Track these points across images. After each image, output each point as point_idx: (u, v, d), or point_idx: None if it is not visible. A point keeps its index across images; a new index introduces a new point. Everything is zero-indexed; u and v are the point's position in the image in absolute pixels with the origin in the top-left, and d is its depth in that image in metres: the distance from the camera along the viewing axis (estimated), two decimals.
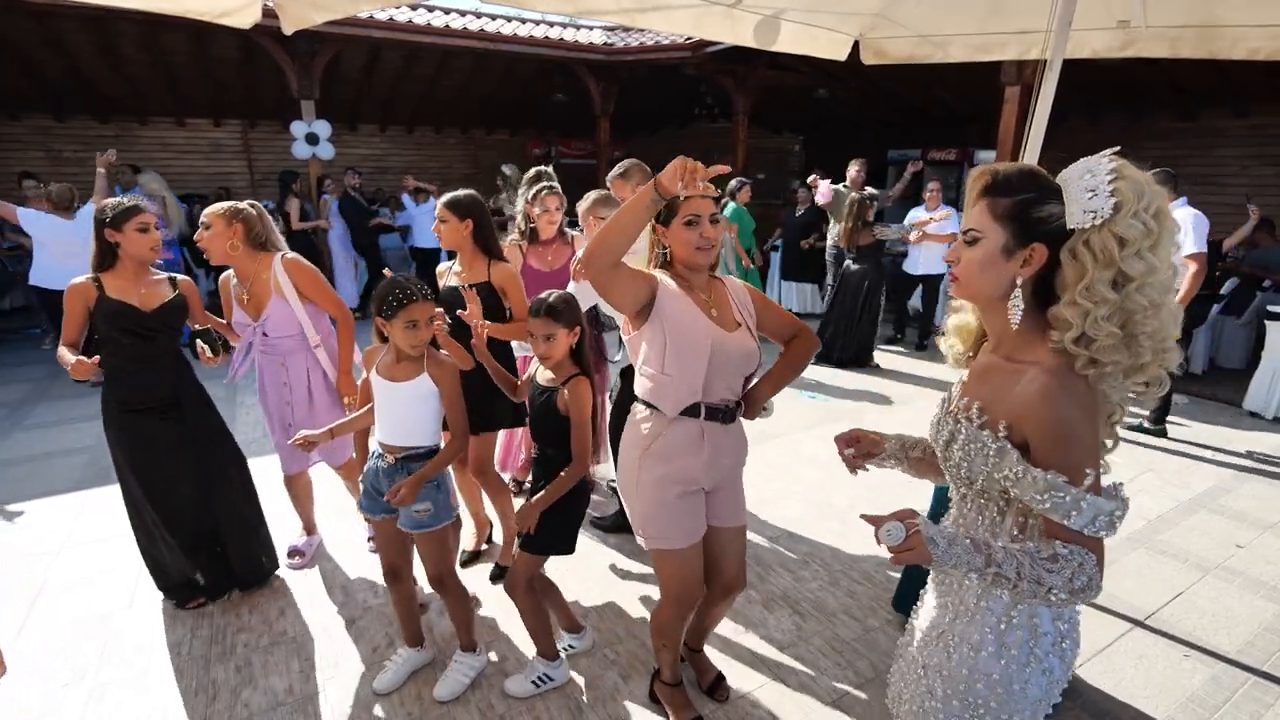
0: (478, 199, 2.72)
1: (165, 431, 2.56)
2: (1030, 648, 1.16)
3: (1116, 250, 1.01)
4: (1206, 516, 3.61)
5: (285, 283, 2.67)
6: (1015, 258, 1.10)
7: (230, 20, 2.51)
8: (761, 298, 1.98)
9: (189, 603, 2.71)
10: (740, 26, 2.95)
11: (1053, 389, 1.06)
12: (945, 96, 9.70)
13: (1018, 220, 1.09)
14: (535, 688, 2.30)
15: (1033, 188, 1.09)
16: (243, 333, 2.73)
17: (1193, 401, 5.53)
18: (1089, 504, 1.04)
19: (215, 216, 2.59)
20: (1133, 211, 1.00)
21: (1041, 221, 1.07)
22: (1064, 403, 1.05)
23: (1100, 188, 1.02)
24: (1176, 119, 8.90)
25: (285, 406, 2.82)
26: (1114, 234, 1.01)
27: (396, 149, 12.25)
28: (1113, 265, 1.02)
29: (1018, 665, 1.16)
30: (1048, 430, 1.06)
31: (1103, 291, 1.02)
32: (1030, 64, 5.51)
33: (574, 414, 2.04)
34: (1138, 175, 1.03)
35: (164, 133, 10.46)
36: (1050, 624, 1.17)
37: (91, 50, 8.07)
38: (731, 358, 1.81)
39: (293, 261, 2.70)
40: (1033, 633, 1.16)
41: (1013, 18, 2.82)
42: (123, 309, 2.45)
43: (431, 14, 8.32)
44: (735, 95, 9.44)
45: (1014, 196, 1.09)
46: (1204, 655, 2.55)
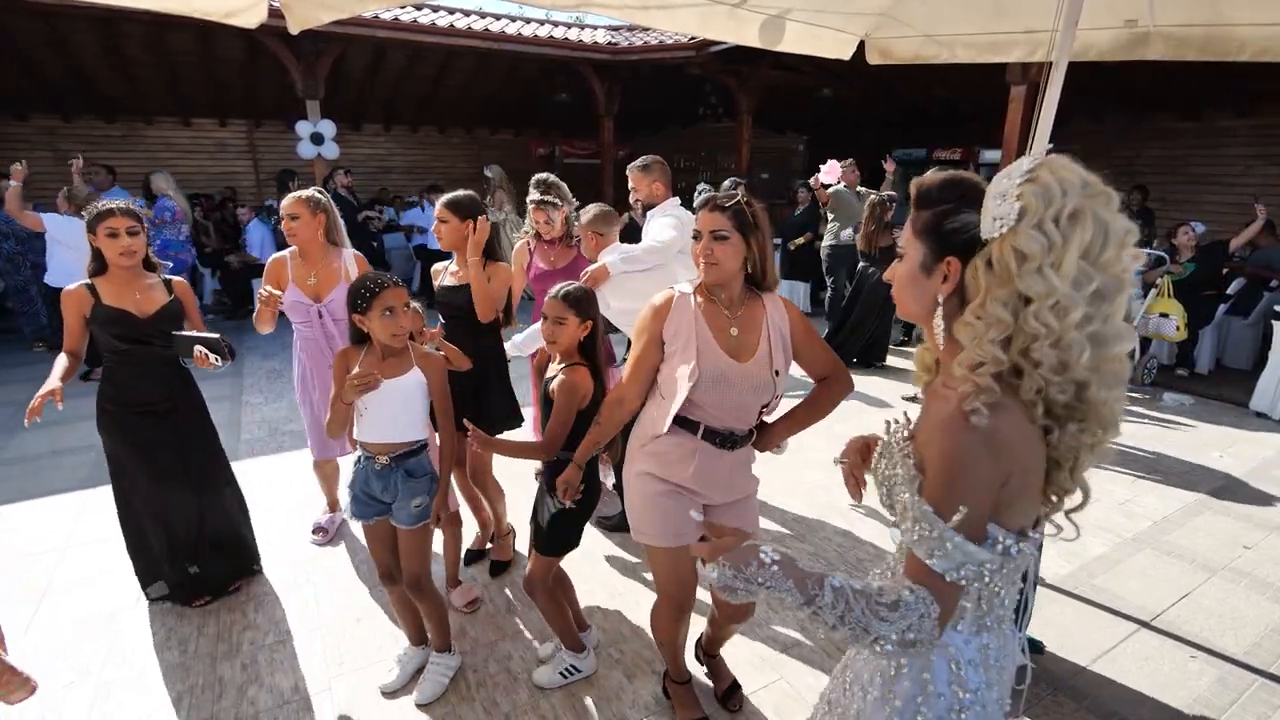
0: (478, 199, 2.74)
1: (161, 432, 2.58)
2: (918, 704, 1.04)
3: (1014, 265, 0.89)
4: (1213, 517, 3.60)
5: (355, 273, 2.90)
6: (935, 274, 1.01)
7: (236, 20, 2.51)
8: (805, 329, 1.85)
9: (195, 600, 2.72)
10: (745, 26, 2.95)
11: (955, 418, 0.94)
12: (949, 96, 9.68)
13: (933, 234, 1.01)
14: (563, 679, 2.34)
15: (951, 197, 1.00)
16: (297, 311, 2.90)
17: (1199, 402, 5.51)
18: (956, 546, 0.92)
19: (300, 205, 2.80)
20: (1036, 220, 0.87)
21: (955, 233, 0.98)
22: (961, 434, 0.93)
23: (1009, 191, 0.90)
24: (1180, 119, 8.87)
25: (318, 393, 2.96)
26: (1013, 246, 0.89)
27: (400, 149, 12.27)
28: (1009, 282, 0.90)
29: (901, 717, 1.05)
30: (936, 460, 0.96)
31: (996, 312, 0.91)
32: (1036, 63, 5.49)
33: (558, 398, 2.07)
34: (1060, 175, 0.89)
35: (169, 133, 10.50)
36: (945, 686, 1.03)
37: (97, 51, 8.10)
38: (734, 387, 1.75)
39: (360, 258, 3.00)
40: (922, 689, 1.04)
41: (1019, 18, 2.81)
42: (119, 316, 2.45)
43: (436, 14, 8.34)
44: (739, 95, 9.44)
45: (932, 208, 1.01)
46: (1211, 656, 2.54)
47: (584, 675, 2.37)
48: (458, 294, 2.68)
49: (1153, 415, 5.18)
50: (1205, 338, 6.21)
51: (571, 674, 2.35)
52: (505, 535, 3.06)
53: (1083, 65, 2.80)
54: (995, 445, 0.92)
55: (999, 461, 0.93)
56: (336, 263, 2.94)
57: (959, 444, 0.93)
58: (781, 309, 1.84)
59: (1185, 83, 7.78)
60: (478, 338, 2.69)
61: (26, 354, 6.49)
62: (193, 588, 2.72)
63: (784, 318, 1.83)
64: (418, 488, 2.14)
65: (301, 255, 2.91)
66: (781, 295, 1.88)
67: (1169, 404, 5.46)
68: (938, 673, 1.04)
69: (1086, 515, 1.10)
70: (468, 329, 2.68)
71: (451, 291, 2.72)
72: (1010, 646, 1.10)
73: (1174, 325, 5.63)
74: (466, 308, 2.65)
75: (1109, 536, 3.38)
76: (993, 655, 1.06)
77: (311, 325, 2.91)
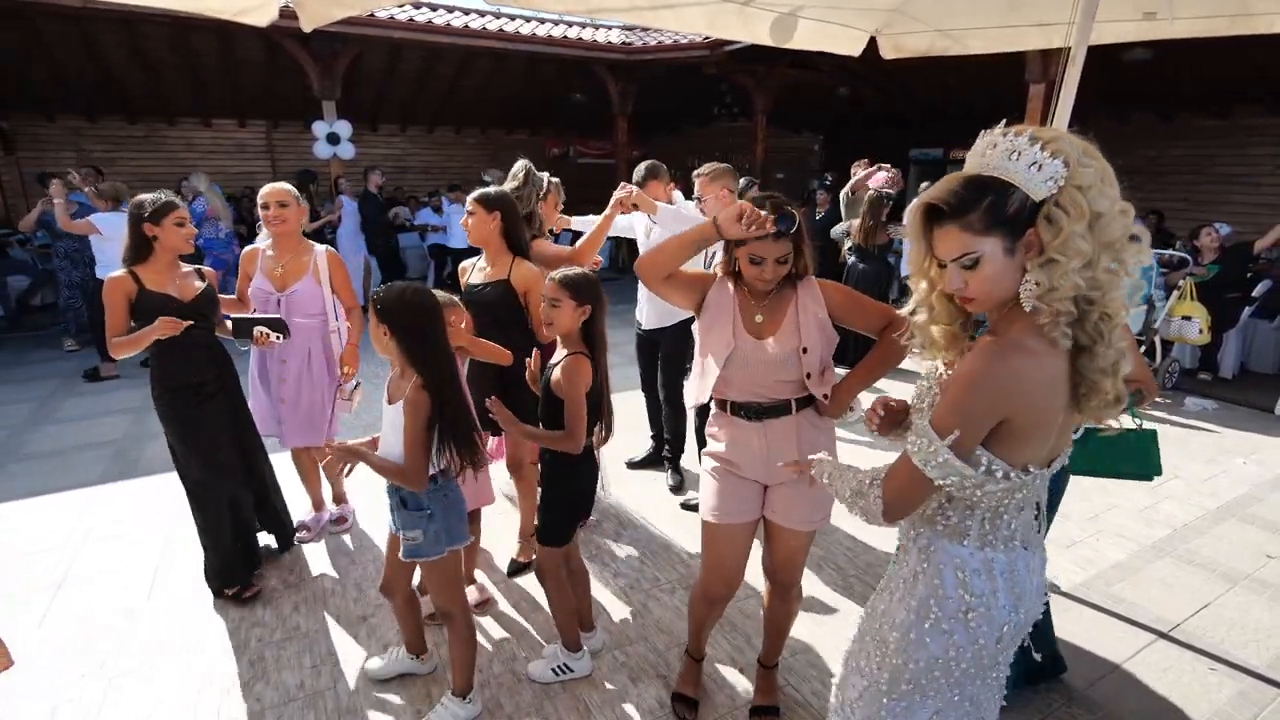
0: (509, 196, 2.73)
1: (213, 411, 2.68)
2: (930, 605, 1.26)
3: (1083, 198, 1.07)
4: (1236, 525, 3.51)
5: (324, 269, 2.96)
6: (1018, 251, 1.13)
7: (248, 18, 2.53)
8: (844, 297, 1.90)
9: (246, 591, 2.76)
10: (755, 24, 2.92)
11: (982, 348, 1.14)
12: (967, 95, 9.55)
13: (1001, 222, 1.12)
14: (555, 675, 2.33)
15: (987, 190, 1.12)
16: (257, 297, 2.92)
17: (1223, 406, 5.38)
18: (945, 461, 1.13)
19: (289, 194, 2.87)
20: (1078, 160, 1.07)
21: (1019, 210, 1.11)
22: (982, 364, 1.12)
23: (1039, 157, 1.07)
24: (1208, 117, 8.69)
25: (280, 384, 3.00)
26: (1075, 186, 1.07)
27: (416, 149, 12.37)
28: (1083, 215, 1.07)
29: (917, 616, 1.27)
30: (952, 382, 1.16)
31: (1078, 244, 1.07)
32: (1055, 62, 5.41)
33: (565, 389, 2.06)
34: (1054, 132, 1.10)
35: (190, 133, 10.66)
36: (953, 590, 1.24)
37: (122, 53, 8.25)
38: (749, 362, 1.84)
39: (334, 255, 3.02)
40: (933, 592, 1.26)
41: (1032, 11, 2.76)
42: (164, 300, 2.53)
43: (451, 14, 8.38)
44: (754, 94, 9.40)
45: (980, 206, 1.12)
46: (1231, 669, 2.47)
47: (576, 676, 2.34)
48: (486, 291, 2.67)
49: (1175, 420, 5.07)
50: (1230, 341, 6.06)
51: (563, 672, 2.33)
52: (528, 536, 3.00)
53: (1105, 66, 2.75)
54: (1009, 384, 1.11)
55: (1006, 399, 1.11)
56: (307, 257, 2.96)
57: (976, 371, 1.12)
58: (815, 291, 1.88)
59: (1213, 79, 7.61)
60: (507, 334, 2.63)
61: (54, 352, 6.59)
62: (246, 566, 2.84)
63: (818, 299, 1.86)
64: (409, 520, 2.01)
65: (276, 245, 2.93)
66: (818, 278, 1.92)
67: (1191, 409, 5.33)
68: (946, 579, 1.25)
69: (1104, 521, 1.15)
70: (496, 325, 2.65)
71: (480, 289, 2.70)
72: (1021, 562, 1.26)
73: (1197, 328, 5.51)
74: (496, 304, 2.65)
75: (1127, 544, 3.30)
76: (998, 568, 1.24)
77: (268, 313, 2.86)
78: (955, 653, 1.25)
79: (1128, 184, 1.13)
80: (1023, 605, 1.26)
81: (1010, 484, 1.16)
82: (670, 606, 2.77)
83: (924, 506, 1.29)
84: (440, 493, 2.03)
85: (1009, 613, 1.25)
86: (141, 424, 4.74)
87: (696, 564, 3.04)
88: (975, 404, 1.12)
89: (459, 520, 2.08)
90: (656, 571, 3.01)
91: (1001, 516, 1.23)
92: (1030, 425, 1.15)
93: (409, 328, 1.90)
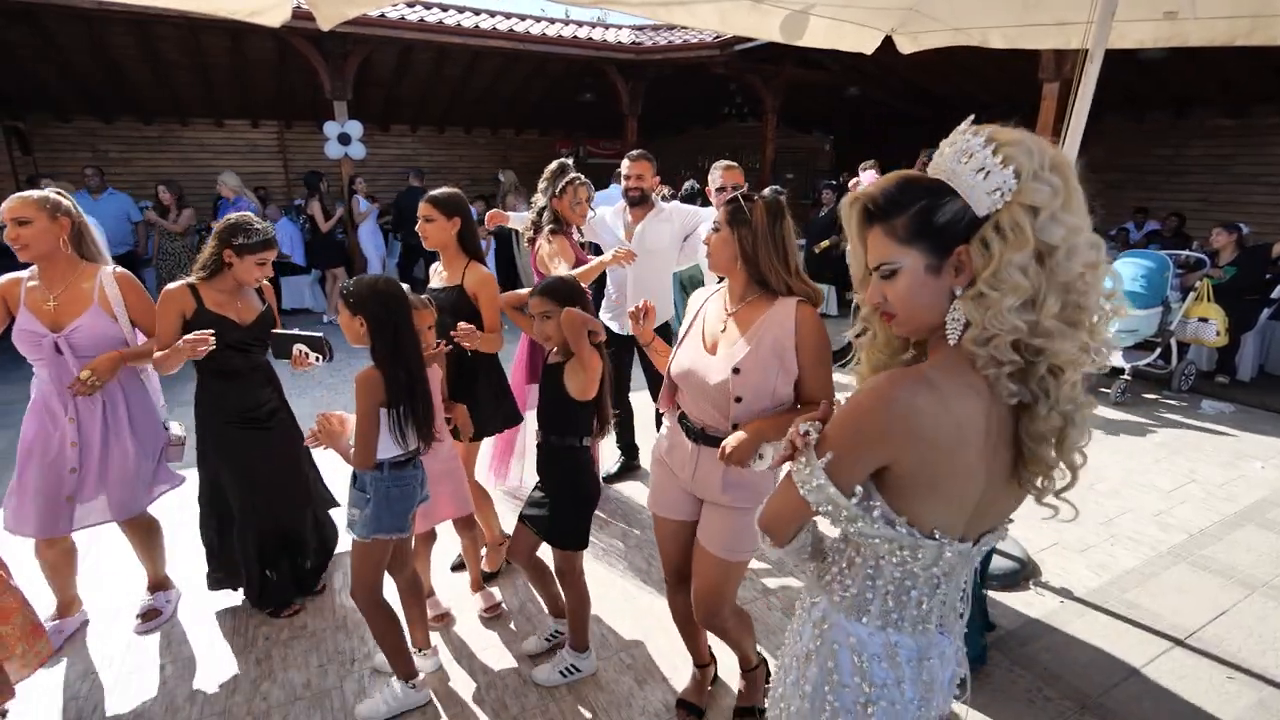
0: (463, 197, 2.66)
1: (262, 441, 2.53)
2: (824, 693, 1.09)
3: (1029, 223, 0.89)
4: (1254, 531, 3.45)
5: (115, 298, 2.37)
6: (944, 271, 0.97)
7: (261, 19, 2.53)
8: (811, 348, 1.67)
9: (283, 611, 2.67)
10: (767, 21, 2.90)
11: (884, 376, 1.00)
12: (980, 94, 9.47)
13: (925, 234, 0.96)
14: (563, 677, 2.33)
15: (921, 194, 0.96)
16: (26, 342, 2.28)
17: (1240, 410, 5.30)
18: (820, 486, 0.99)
19: (31, 207, 2.20)
20: (1032, 173, 0.89)
21: (952, 223, 0.95)
22: (872, 394, 0.98)
23: (988, 163, 0.90)
24: (1224, 116, 8.56)
25: (72, 447, 2.34)
26: (1022, 205, 0.89)
27: (427, 149, 12.40)
28: (1026, 244, 0.89)
29: (812, 706, 1.10)
30: (847, 401, 1.03)
31: (1013, 278, 0.89)
32: (1070, 59, 5.34)
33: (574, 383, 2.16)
34: (1016, 135, 0.92)
35: (203, 134, 10.73)
36: (849, 677, 1.07)
37: (136, 54, 8.32)
38: (696, 378, 1.77)
39: (125, 277, 2.43)
40: (826, 677, 1.09)
41: (1050, 10, 2.72)
42: (220, 322, 2.37)
43: (461, 14, 8.39)
44: (763, 93, 9.36)
45: (907, 212, 0.96)
46: (1249, 678, 2.42)
47: (584, 675, 2.35)
48: (444, 296, 2.60)
49: (1190, 423, 4.99)
50: (1247, 343, 5.96)
51: (572, 673, 2.34)
52: (497, 545, 2.97)
53: (1120, 64, 2.71)
54: (898, 422, 0.94)
55: (892, 437, 0.95)
56: (88, 283, 2.34)
57: (866, 398, 0.98)
58: (789, 317, 1.68)
59: (1231, 78, 7.50)
60: None
61: None
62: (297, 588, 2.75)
63: (787, 327, 1.67)
64: (353, 497, 2.06)
65: (41, 272, 2.30)
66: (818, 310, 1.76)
67: (1208, 412, 5.25)
68: (841, 663, 1.08)
69: (1118, 526, 1.07)
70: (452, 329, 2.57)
71: (437, 293, 2.62)
72: (934, 650, 1.09)
73: (1214, 330, 5.43)
74: (450, 309, 2.56)
75: (1142, 549, 3.25)
76: (904, 654, 1.06)
77: (45, 361, 2.29)
78: None
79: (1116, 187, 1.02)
80: (933, 699, 1.09)
81: (895, 536, 0.99)
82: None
83: (823, 572, 1.13)
84: (385, 483, 2.03)
85: (916, 707, 1.07)
86: None
87: None
88: (857, 432, 0.98)
89: (394, 515, 2.06)
90: (661, 573, 2.98)
91: (909, 592, 1.05)
92: (928, 477, 0.96)
93: (382, 317, 1.93)
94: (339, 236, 7.85)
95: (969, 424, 0.95)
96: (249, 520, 2.56)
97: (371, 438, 1.96)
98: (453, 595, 2.79)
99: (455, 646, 2.53)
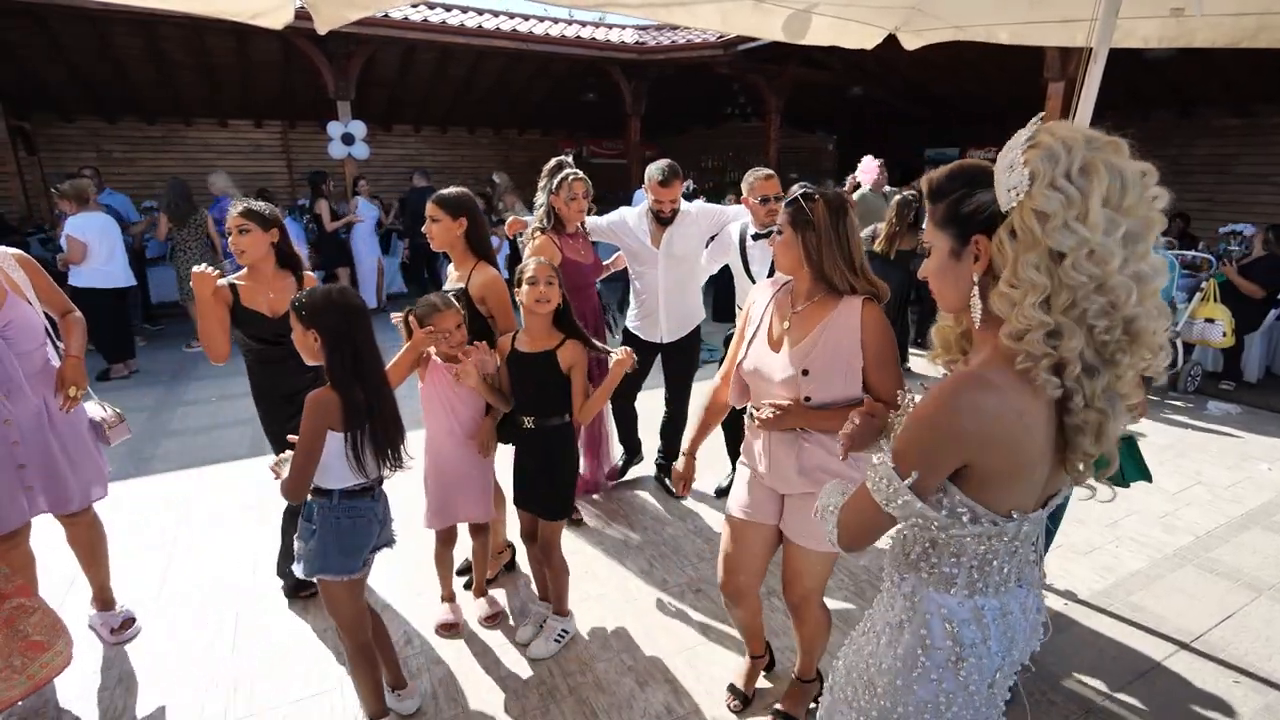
0: (471, 196, 2.62)
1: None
2: (917, 654, 1.16)
3: (1038, 227, 0.91)
4: (1260, 534, 3.42)
5: (23, 281, 2.22)
6: (965, 257, 1.05)
7: (264, 21, 2.52)
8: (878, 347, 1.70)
9: (300, 591, 2.75)
10: (769, 21, 2.88)
11: (942, 383, 1.04)
12: (984, 93, 9.44)
13: (953, 220, 1.05)
14: (558, 644, 2.48)
15: (961, 184, 1.05)
16: None
17: (1246, 411, 5.26)
18: (906, 502, 1.03)
19: None
20: (1048, 181, 0.90)
21: (974, 214, 1.02)
22: (940, 403, 1.02)
23: (1015, 160, 0.94)
24: (1230, 115, 8.52)
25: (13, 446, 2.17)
26: (1032, 210, 0.92)
27: (430, 149, 12.41)
28: (1037, 244, 0.92)
29: (904, 665, 1.17)
30: (910, 419, 1.07)
31: (1029, 276, 0.93)
32: (1075, 59, 5.31)
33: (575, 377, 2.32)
34: (1058, 137, 0.92)
35: (207, 134, 10.77)
36: (942, 640, 1.14)
37: (141, 55, 8.35)
38: (763, 376, 1.83)
39: (23, 256, 2.28)
40: (920, 643, 1.16)
41: (1054, 7, 2.70)
42: (250, 317, 2.44)
43: (465, 15, 8.40)
44: (767, 93, 9.34)
45: (946, 199, 1.06)
46: (1256, 682, 2.40)
47: (571, 635, 2.54)
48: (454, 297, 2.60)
49: (1197, 425, 4.96)
50: (1254, 344, 5.92)
51: (563, 638, 2.51)
52: (498, 550, 2.94)
53: (1126, 63, 2.69)
54: (966, 423, 0.99)
55: (965, 439, 1.00)
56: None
57: (931, 408, 1.02)
58: (854, 315, 1.71)
59: (1236, 77, 7.46)
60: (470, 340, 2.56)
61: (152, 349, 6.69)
62: None
63: (853, 326, 1.71)
64: (301, 529, 1.92)
65: None
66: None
67: (1214, 413, 5.22)
68: (934, 630, 1.15)
69: (1123, 528, 1.08)
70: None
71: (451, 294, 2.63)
72: (1014, 603, 1.17)
73: (1220, 331, 5.39)
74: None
75: (1148, 551, 3.23)
76: (989, 615, 1.14)
77: None
78: (945, 699, 1.17)
79: None
80: (1016, 646, 1.19)
81: (982, 530, 1.06)
82: (678, 610, 2.74)
83: (908, 550, 1.20)
84: (335, 513, 1.87)
85: (1001, 658, 1.17)
86: (156, 422, 4.79)
87: (706, 568, 3.01)
88: (931, 443, 1.03)
89: (343, 552, 1.88)
90: (665, 574, 2.98)
91: (991, 563, 1.12)
92: (1004, 469, 1.02)
93: (340, 331, 1.78)
94: (343, 236, 7.85)
95: (1029, 411, 0.99)
96: None
97: (308, 467, 1.77)
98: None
99: (456, 647, 2.52)
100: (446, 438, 2.43)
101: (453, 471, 2.44)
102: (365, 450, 1.83)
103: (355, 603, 1.97)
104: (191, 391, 5.48)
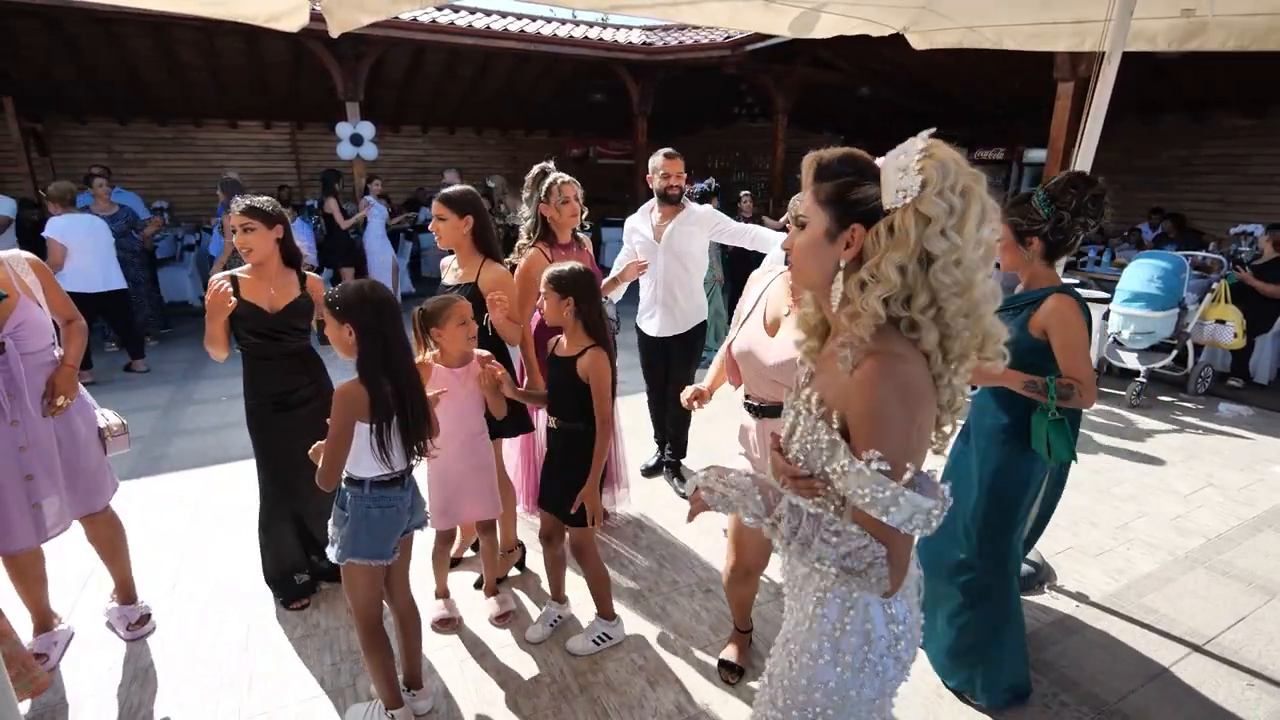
0: (476, 194, 2.64)
1: (296, 426, 2.49)
2: (864, 653, 1.17)
3: (916, 230, 1.01)
4: (1273, 536, 3.40)
5: (34, 284, 2.23)
6: (838, 241, 1.11)
7: (279, 24, 2.55)
8: None
9: (294, 603, 2.71)
10: (778, 18, 2.89)
11: (868, 377, 1.06)
12: (993, 94, 9.40)
13: (837, 203, 1.10)
14: (596, 645, 2.48)
15: (851, 171, 1.10)
16: None
17: (1258, 413, 5.23)
18: (907, 501, 1.03)
19: None
20: (937, 189, 1.00)
21: (859, 203, 1.08)
22: (878, 389, 1.05)
23: (910, 166, 1.01)
24: (1241, 116, 8.46)
25: (20, 452, 2.17)
26: (918, 212, 1.01)
27: (438, 150, 12.46)
28: (906, 246, 1.01)
29: (852, 672, 1.17)
30: (862, 421, 1.07)
31: (888, 273, 1.02)
32: (1085, 59, 5.29)
33: (593, 383, 2.22)
34: (948, 154, 1.02)
35: (217, 134, 10.84)
36: (884, 628, 1.17)
37: (152, 56, 8.41)
38: (757, 359, 1.86)
39: (35, 260, 2.29)
40: (866, 638, 1.17)
41: (1067, 7, 2.69)
42: (248, 311, 2.44)
43: (473, 16, 8.42)
44: (774, 93, 9.32)
45: (834, 180, 1.10)
46: (1269, 685, 2.39)
47: (615, 642, 2.51)
48: (458, 293, 2.55)
49: (1208, 426, 4.94)
50: (1265, 345, 5.89)
51: (604, 641, 2.49)
52: (509, 549, 2.93)
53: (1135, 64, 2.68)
54: (906, 394, 1.05)
55: (910, 409, 1.05)
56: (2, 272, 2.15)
57: (879, 399, 1.04)
58: None
59: (1246, 77, 7.40)
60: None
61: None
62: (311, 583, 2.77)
63: None
64: (335, 516, 1.99)
65: None
66: None
67: (1225, 415, 5.19)
68: (875, 617, 1.17)
69: (1134, 530, 1.10)
70: None
71: (451, 290, 2.60)
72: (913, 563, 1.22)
73: (1231, 332, 5.36)
74: None
75: (1159, 553, 3.21)
76: (910, 581, 1.20)
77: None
78: (889, 686, 1.21)
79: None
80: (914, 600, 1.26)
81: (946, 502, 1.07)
82: (689, 610, 2.75)
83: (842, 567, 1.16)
84: (365, 502, 1.93)
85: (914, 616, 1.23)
86: (168, 420, 4.83)
87: (715, 568, 3.01)
88: (903, 431, 1.04)
89: (373, 539, 1.94)
90: (675, 575, 2.99)
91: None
92: (927, 425, 1.09)
93: (372, 325, 1.82)
94: (353, 236, 7.89)
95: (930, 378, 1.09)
96: (265, 500, 2.64)
97: (339, 457, 1.84)
98: (457, 593, 2.80)
99: (467, 646, 2.53)
100: (449, 441, 2.44)
101: (456, 474, 2.45)
102: (392, 442, 1.87)
103: (371, 589, 2.01)
104: (201, 391, 5.52)
